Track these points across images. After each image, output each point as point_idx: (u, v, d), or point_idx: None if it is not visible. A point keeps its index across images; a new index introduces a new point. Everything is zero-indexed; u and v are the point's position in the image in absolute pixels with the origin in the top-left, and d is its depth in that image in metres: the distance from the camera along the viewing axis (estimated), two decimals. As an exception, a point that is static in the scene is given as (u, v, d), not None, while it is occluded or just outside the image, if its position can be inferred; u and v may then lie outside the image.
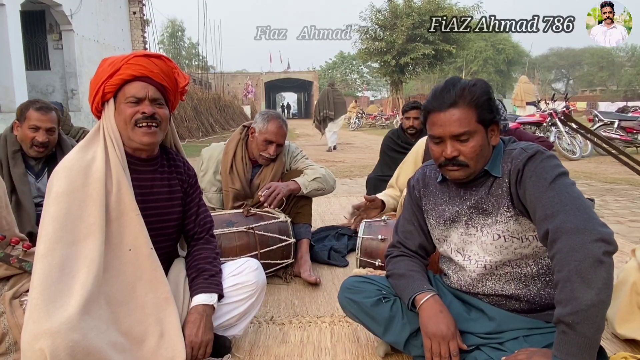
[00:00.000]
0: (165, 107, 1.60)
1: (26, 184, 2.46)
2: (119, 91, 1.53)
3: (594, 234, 1.18)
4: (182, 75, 1.62)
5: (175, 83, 1.61)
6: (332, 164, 8.36)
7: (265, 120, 2.67)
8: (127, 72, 1.50)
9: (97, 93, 1.54)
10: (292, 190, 2.65)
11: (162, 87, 1.57)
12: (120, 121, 1.53)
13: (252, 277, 1.77)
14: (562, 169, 1.35)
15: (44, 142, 2.47)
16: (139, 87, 1.52)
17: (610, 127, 8.66)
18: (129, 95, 1.51)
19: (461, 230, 1.53)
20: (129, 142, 1.56)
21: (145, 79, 1.53)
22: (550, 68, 52.07)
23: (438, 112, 1.42)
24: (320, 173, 2.76)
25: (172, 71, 1.59)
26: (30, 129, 2.45)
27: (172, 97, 1.63)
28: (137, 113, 1.51)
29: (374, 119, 23.45)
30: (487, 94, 1.42)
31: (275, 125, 2.66)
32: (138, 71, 1.51)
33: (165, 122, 1.60)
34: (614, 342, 1.81)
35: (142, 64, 1.52)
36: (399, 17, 23.23)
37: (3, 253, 1.60)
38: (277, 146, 2.69)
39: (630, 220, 3.96)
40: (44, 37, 12.31)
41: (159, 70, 1.55)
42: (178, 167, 1.74)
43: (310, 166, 2.85)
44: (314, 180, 2.72)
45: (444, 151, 1.43)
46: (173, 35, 46.37)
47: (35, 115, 2.45)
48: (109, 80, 1.51)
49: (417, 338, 1.56)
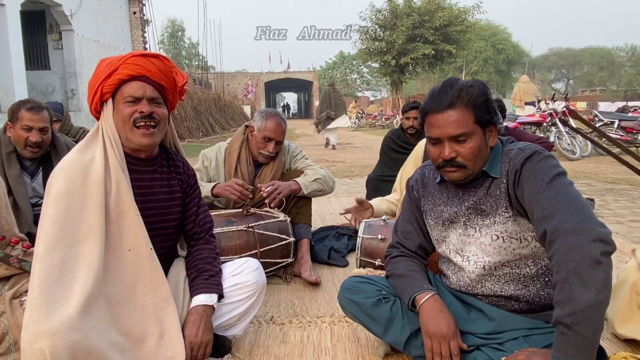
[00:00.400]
0: (164, 107, 1.59)
1: (22, 185, 2.45)
2: (117, 91, 1.53)
3: (592, 234, 1.17)
4: (180, 75, 1.62)
5: (174, 82, 1.61)
6: (332, 164, 8.36)
7: (264, 118, 2.69)
8: (124, 71, 1.50)
9: (95, 93, 1.54)
10: (293, 191, 2.66)
11: (160, 87, 1.56)
12: (119, 121, 1.53)
13: (252, 277, 1.77)
14: (559, 168, 1.34)
15: (38, 142, 2.45)
16: (137, 87, 1.52)
17: (610, 127, 8.66)
18: (127, 94, 1.51)
19: (460, 231, 1.53)
20: (128, 142, 1.56)
21: (143, 79, 1.52)
22: (550, 68, 52.07)
23: (435, 114, 1.42)
24: (321, 174, 2.77)
25: (170, 70, 1.59)
26: (23, 130, 2.43)
27: (170, 96, 1.63)
28: (135, 112, 1.51)
29: (374, 119, 23.45)
30: (485, 94, 1.42)
31: (273, 123, 2.67)
32: (135, 71, 1.51)
33: (163, 121, 1.59)
34: (614, 342, 1.81)
35: (139, 64, 1.52)
36: (399, 17, 23.22)
37: (3, 253, 1.60)
38: (276, 143, 2.70)
39: (630, 220, 3.96)
40: (44, 37, 12.31)
41: (157, 69, 1.54)
42: (177, 167, 1.74)
43: (311, 166, 2.85)
44: (315, 181, 2.72)
45: (442, 152, 1.43)
46: (173, 35, 46.38)
47: (27, 115, 2.42)
48: (107, 80, 1.51)
49: (417, 338, 1.56)
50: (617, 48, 48.01)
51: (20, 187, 2.44)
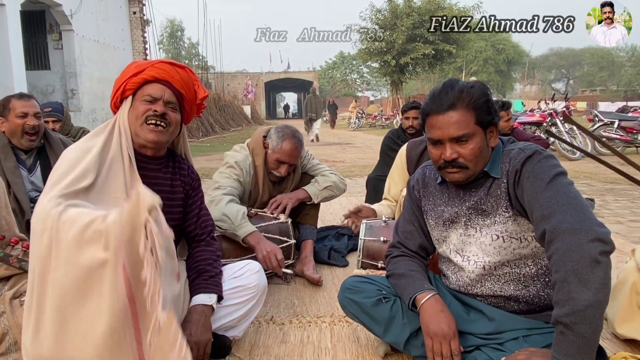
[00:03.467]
0: (178, 113, 1.64)
1: (19, 177, 2.46)
2: (139, 90, 1.59)
3: (591, 234, 1.17)
4: (202, 88, 1.69)
5: (194, 94, 1.67)
6: (332, 164, 8.37)
7: (280, 139, 2.55)
8: (150, 73, 1.57)
9: (118, 89, 1.60)
10: (301, 200, 2.65)
11: (179, 94, 1.62)
12: (132, 116, 1.58)
13: (254, 280, 1.78)
14: (560, 168, 1.34)
15: (35, 126, 2.49)
16: (157, 88, 1.58)
17: (610, 127, 8.67)
18: (146, 93, 1.57)
19: (460, 231, 1.53)
20: (136, 137, 1.59)
21: (165, 83, 1.59)
22: (550, 68, 52.08)
23: (436, 115, 1.42)
24: (332, 180, 2.74)
25: (192, 82, 1.65)
26: (19, 117, 2.46)
27: (188, 107, 1.68)
28: (149, 110, 1.56)
29: (374, 119, 23.46)
30: (485, 95, 1.42)
31: (289, 147, 2.55)
32: (160, 74, 1.58)
33: (175, 125, 1.63)
34: (614, 342, 1.82)
35: (165, 69, 1.59)
36: (399, 17, 23.23)
37: (3, 253, 1.60)
38: (289, 166, 2.62)
39: (630, 220, 3.96)
40: (44, 37, 12.30)
41: (180, 78, 1.61)
42: (182, 170, 1.77)
43: (322, 172, 2.80)
44: (326, 188, 2.71)
45: (443, 153, 1.43)
46: (173, 35, 46.33)
47: (19, 103, 2.47)
48: (132, 78, 1.57)
49: (417, 338, 1.56)
50: (617, 48, 47.92)
51: (17, 179, 2.45)
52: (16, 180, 2.45)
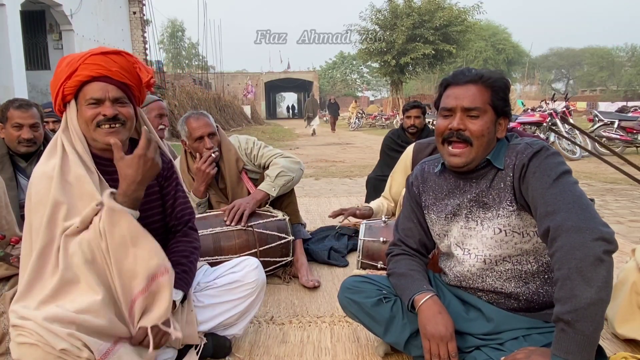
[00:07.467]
0: (129, 105, 1.52)
1: (13, 190, 2.45)
2: (79, 92, 1.47)
3: (595, 232, 1.18)
4: (144, 70, 1.55)
5: (138, 78, 1.54)
6: (332, 164, 8.37)
7: (183, 124, 2.58)
8: (84, 72, 1.44)
9: (57, 95, 1.48)
10: (260, 200, 2.51)
11: (123, 85, 1.50)
12: (82, 123, 1.47)
13: (252, 276, 1.77)
14: (566, 167, 1.35)
15: (30, 139, 2.47)
16: (98, 88, 1.45)
17: (610, 127, 8.66)
18: (88, 96, 1.45)
19: (461, 223, 1.53)
20: (94, 142, 1.50)
21: (104, 79, 1.46)
22: (550, 68, 52.08)
23: (455, 86, 1.48)
24: (281, 166, 2.58)
25: (133, 67, 1.52)
26: (14, 128, 2.45)
27: (137, 92, 1.57)
28: (98, 115, 1.45)
29: (374, 119, 23.44)
30: (504, 82, 1.48)
31: (194, 121, 2.55)
32: (95, 71, 1.45)
33: (130, 120, 1.52)
34: (614, 342, 1.82)
35: (99, 63, 1.45)
36: (399, 17, 23.21)
37: (3, 252, 1.60)
38: (209, 136, 2.56)
39: (630, 220, 3.96)
40: (44, 37, 12.33)
41: (118, 67, 1.48)
42: None
43: (268, 159, 2.67)
44: (277, 177, 2.55)
45: (451, 123, 1.46)
46: (173, 35, 46.39)
47: (16, 113, 2.45)
48: (67, 82, 1.45)
49: (417, 338, 1.55)
50: (617, 48, 48.05)
51: (12, 192, 2.43)
52: (10, 194, 2.43)
